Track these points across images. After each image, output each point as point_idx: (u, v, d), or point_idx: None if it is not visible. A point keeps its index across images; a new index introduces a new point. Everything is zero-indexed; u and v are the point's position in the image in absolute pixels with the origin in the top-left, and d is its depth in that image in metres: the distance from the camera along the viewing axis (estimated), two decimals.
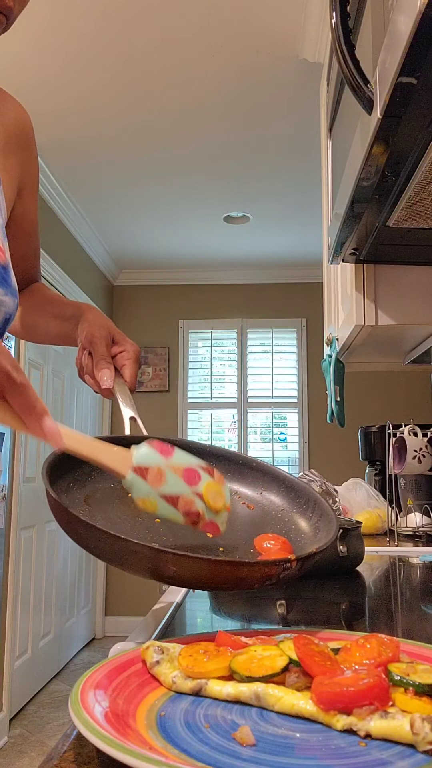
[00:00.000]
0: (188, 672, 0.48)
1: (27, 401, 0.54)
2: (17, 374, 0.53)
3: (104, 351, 0.86)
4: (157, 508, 0.64)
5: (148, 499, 0.63)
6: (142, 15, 2.21)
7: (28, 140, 0.93)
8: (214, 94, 2.68)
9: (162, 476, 0.64)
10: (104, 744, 0.37)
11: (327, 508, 0.76)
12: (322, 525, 0.75)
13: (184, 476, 0.65)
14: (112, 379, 0.85)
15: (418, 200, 1.02)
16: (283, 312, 4.87)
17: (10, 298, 0.79)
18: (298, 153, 3.14)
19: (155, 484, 0.64)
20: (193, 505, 0.64)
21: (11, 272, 0.81)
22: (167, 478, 0.64)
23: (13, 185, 0.90)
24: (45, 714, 3.17)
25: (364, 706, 0.41)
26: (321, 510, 0.77)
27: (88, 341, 0.87)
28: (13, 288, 0.80)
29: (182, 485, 0.64)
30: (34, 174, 0.96)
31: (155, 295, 4.96)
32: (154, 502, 0.63)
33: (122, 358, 0.87)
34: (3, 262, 0.79)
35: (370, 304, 1.43)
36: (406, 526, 1.79)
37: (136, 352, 0.88)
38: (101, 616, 4.65)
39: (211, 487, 0.66)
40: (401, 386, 4.52)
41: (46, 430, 0.55)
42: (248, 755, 0.38)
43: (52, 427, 0.55)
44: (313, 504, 0.79)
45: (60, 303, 0.99)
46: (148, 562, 0.60)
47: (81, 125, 2.93)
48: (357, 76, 0.81)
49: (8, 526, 3.09)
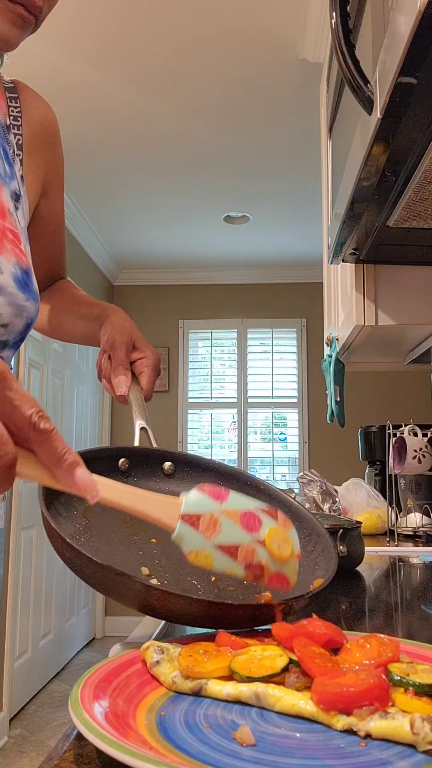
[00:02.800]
0: (188, 672, 0.48)
1: (55, 452, 0.47)
2: (43, 422, 0.47)
3: (123, 356, 0.85)
4: (212, 562, 0.55)
5: (202, 552, 0.55)
6: (142, 16, 2.21)
7: (53, 139, 0.93)
8: (214, 94, 2.68)
9: (216, 524, 0.55)
10: (104, 744, 0.37)
11: (329, 543, 0.74)
12: (321, 561, 0.73)
13: (241, 522, 0.56)
14: (128, 386, 0.84)
15: (418, 200, 1.02)
16: (283, 312, 4.87)
17: (32, 303, 0.78)
18: (298, 153, 3.14)
19: (209, 534, 0.55)
20: (255, 556, 0.55)
21: (33, 276, 0.80)
22: (222, 526, 0.55)
23: (37, 184, 0.90)
24: (45, 714, 3.17)
25: (365, 707, 0.41)
26: (323, 545, 0.75)
27: (109, 345, 0.86)
28: (35, 293, 0.79)
29: (241, 533, 0.55)
30: (59, 173, 0.96)
31: (155, 295, 4.96)
32: (208, 555, 0.55)
33: (141, 365, 0.86)
34: (25, 267, 0.78)
35: (370, 304, 1.43)
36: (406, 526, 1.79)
37: (155, 359, 0.87)
38: (101, 616, 4.65)
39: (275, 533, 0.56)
40: (401, 386, 4.52)
41: (80, 483, 0.48)
42: (248, 755, 0.38)
43: (86, 479, 0.48)
44: (316, 537, 0.77)
45: (86, 303, 0.98)
46: (135, 595, 0.56)
47: (81, 125, 2.93)
48: (357, 76, 0.81)
49: (8, 526, 3.09)
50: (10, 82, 0.89)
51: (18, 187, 0.83)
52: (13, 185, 0.81)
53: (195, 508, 0.55)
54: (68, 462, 0.48)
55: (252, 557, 0.55)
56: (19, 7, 0.72)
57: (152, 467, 0.79)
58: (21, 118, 0.86)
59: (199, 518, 0.55)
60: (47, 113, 0.92)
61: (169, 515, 0.55)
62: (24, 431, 0.46)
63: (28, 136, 0.87)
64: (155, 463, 0.80)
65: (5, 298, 0.74)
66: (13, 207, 0.81)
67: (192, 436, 4.83)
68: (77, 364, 4.22)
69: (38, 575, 3.47)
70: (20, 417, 0.45)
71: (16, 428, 0.45)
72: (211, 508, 0.56)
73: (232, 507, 0.56)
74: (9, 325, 0.76)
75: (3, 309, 0.74)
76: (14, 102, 0.86)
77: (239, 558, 0.55)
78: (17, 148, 0.85)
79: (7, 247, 0.76)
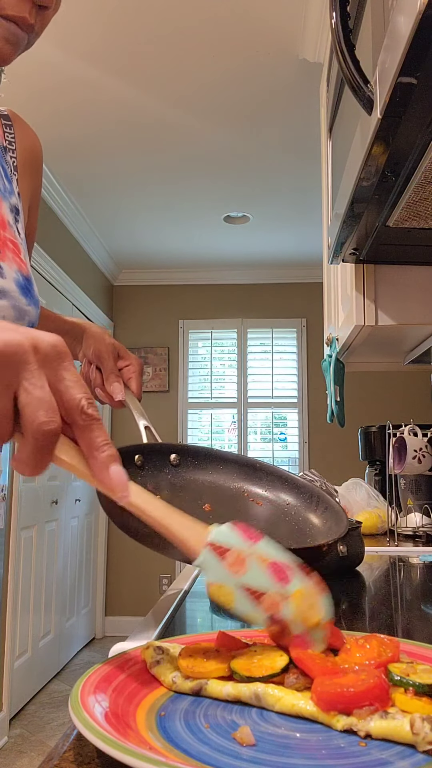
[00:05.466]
0: (188, 672, 0.48)
1: (96, 441, 0.46)
2: (91, 408, 0.45)
3: (113, 365, 0.91)
4: (233, 600, 0.51)
5: (225, 588, 0.51)
6: (142, 15, 2.21)
7: (39, 165, 0.99)
8: (214, 94, 2.68)
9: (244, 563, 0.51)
10: (104, 744, 0.37)
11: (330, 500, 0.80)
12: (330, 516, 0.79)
13: (271, 570, 0.52)
14: (123, 392, 0.91)
15: (418, 200, 1.02)
16: (283, 312, 4.87)
17: (33, 308, 0.82)
18: (298, 153, 3.14)
19: (235, 570, 0.51)
20: (279, 609, 0.51)
21: (34, 284, 0.84)
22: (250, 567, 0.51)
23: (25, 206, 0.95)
24: (45, 714, 3.17)
25: (365, 707, 0.41)
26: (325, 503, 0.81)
27: (95, 357, 0.92)
28: (36, 299, 0.83)
29: (268, 580, 0.51)
30: (39, 196, 1.02)
31: (155, 295, 4.96)
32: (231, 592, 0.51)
33: (128, 372, 0.92)
34: (26, 274, 0.82)
35: (370, 304, 1.43)
36: (406, 526, 1.79)
37: (140, 364, 0.95)
38: (101, 616, 4.65)
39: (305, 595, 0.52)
40: (401, 386, 4.52)
41: (114, 480, 0.46)
42: (248, 755, 0.38)
43: (120, 477, 0.47)
44: (317, 498, 0.84)
45: (57, 319, 1.02)
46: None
47: (81, 126, 2.93)
48: (357, 76, 0.81)
49: (8, 526, 3.09)
50: (5, 110, 0.95)
51: (17, 201, 0.87)
52: (12, 200, 0.85)
53: (225, 539, 0.52)
54: (106, 454, 0.46)
55: (276, 609, 0.51)
56: (11, 24, 0.74)
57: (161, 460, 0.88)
58: (15, 143, 0.91)
59: (227, 551, 0.51)
60: (36, 142, 0.98)
61: (196, 538, 0.52)
62: (71, 413, 0.45)
63: (21, 162, 0.93)
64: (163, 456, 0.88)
65: (9, 301, 0.76)
66: (13, 220, 0.84)
67: (192, 436, 4.83)
68: (77, 364, 4.22)
69: (38, 575, 3.47)
70: (70, 398, 0.44)
71: (63, 410, 0.44)
72: (241, 545, 0.52)
73: (263, 552, 0.53)
74: None
75: (6, 312, 0.76)
76: (9, 129, 0.91)
77: (263, 605, 0.51)
78: (13, 168, 0.90)
79: (9, 256, 0.79)
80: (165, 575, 4.65)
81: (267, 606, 0.50)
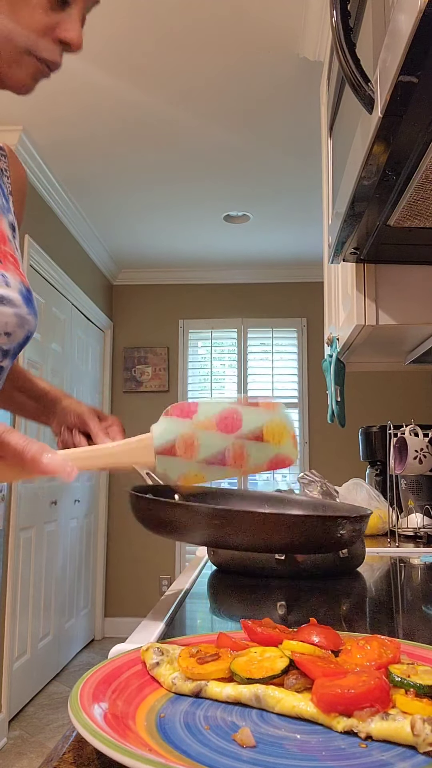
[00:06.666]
0: (188, 673, 0.48)
1: (15, 449, 0.50)
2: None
3: (99, 425, 0.92)
4: (204, 477, 0.54)
5: (190, 473, 0.54)
6: (141, 14, 2.21)
7: (23, 198, 1.04)
8: (214, 93, 2.68)
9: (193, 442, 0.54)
10: (104, 746, 0.36)
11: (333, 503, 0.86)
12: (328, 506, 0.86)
13: (219, 427, 0.54)
14: None
15: (419, 199, 1.02)
16: (283, 312, 4.87)
17: (32, 318, 0.85)
18: (298, 152, 3.14)
19: (189, 455, 0.54)
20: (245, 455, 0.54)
21: (33, 295, 0.88)
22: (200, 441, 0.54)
23: None
24: (44, 715, 3.17)
25: (365, 708, 0.41)
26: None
27: (79, 421, 0.92)
28: (35, 310, 0.87)
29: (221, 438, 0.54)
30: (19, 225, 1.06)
31: (155, 295, 4.96)
32: (197, 473, 0.54)
33: (114, 431, 0.92)
34: (27, 286, 0.86)
35: (371, 303, 1.43)
36: (407, 526, 1.78)
37: (120, 423, 0.96)
38: (101, 618, 4.65)
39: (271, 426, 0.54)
40: (402, 386, 4.52)
41: (50, 468, 0.50)
42: (248, 757, 0.38)
43: (55, 462, 0.50)
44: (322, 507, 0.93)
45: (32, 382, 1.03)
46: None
47: (81, 126, 2.93)
48: (357, 74, 0.81)
49: (8, 527, 3.08)
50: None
51: (13, 220, 0.91)
52: (10, 217, 0.90)
53: (166, 436, 0.55)
54: (32, 452, 0.50)
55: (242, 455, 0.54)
56: (43, 65, 0.81)
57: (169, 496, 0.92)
58: (8, 171, 0.95)
59: (174, 445, 0.54)
60: (23, 174, 1.02)
61: (145, 456, 0.55)
62: None
63: (13, 191, 0.97)
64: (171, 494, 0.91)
65: (12, 309, 0.80)
66: (11, 235, 0.89)
67: None
68: (77, 364, 4.22)
69: (37, 576, 3.47)
70: None
71: None
72: (183, 428, 0.55)
73: (205, 417, 0.55)
74: (12, 334, 0.82)
75: (9, 318, 0.80)
76: (3, 157, 0.95)
77: (229, 462, 0.54)
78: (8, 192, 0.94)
79: (10, 268, 0.83)
80: (165, 575, 4.65)
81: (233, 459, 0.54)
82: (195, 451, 0.54)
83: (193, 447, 0.54)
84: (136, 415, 4.77)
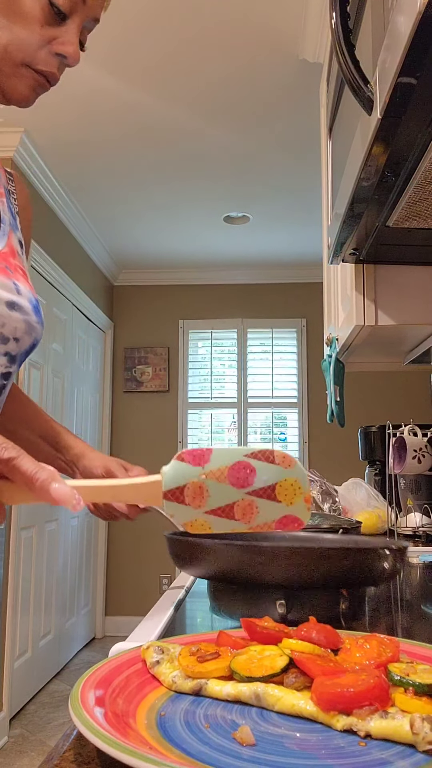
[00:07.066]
0: (188, 672, 0.48)
1: (26, 474, 0.51)
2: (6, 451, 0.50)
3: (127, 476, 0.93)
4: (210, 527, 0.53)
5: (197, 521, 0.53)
6: (141, 17, 2.21)
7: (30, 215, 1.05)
8: (213, 94, 2.68)
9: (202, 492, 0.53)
10: (104, 744, 0.37)
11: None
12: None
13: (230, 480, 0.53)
14: None
15: (418, 200, 1.02)
16: (283, 312, 4.87)
17: (40, 326, 0.87)
18: (298, 153, 3.14)
19: (197, 504, 0.53)
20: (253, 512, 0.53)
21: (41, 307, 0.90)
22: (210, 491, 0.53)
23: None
24: (45, 714, 3.17)
25: (365, 707, 0.41)
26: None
27: (106, 472, 0.94)
28: (42, 318, 0.89)
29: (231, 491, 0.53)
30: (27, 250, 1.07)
31: (155, 295, 4.96)
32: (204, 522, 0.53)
33: None
34: (36, 297, 0.88)
35: (370, 304, 1.43)
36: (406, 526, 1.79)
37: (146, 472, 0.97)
38: (101, 616, 4.65)
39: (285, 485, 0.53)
40: (401, 386, 4.52)
41: (58, 498, 0.50)
42: (248, 755, 0.38)
43: (63, 492, 0.50)
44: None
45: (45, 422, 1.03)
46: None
47: (81, 127, 2.93)
48: (357, 76, 0.81)
49: (8, 526, 3.09)
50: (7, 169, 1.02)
51: (21, 236, 0.93)
52: (18, 234, 0.92)
53: (176, 481, 0.53)
54: (41, 480, 0.51)
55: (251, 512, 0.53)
56: (41, 77, 0.83)
57: None
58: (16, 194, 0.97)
59: (183, 490, 0.53)
60: (28, 201, 1.04)
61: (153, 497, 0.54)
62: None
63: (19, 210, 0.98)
64: None
65: (22, 315, 0.82)
66: (20, 251, 0.91)
67: (192, 436, 4.83)
68: (77, 364, 4.22)
69: (38, 575, 3.47)
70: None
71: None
72: (193, 475, 0.53)
73: (217, 466, 0.53)
74: (20, 340, 0.84)
75: (19, 324, 0.82)
76: (11, 181, 0.97)
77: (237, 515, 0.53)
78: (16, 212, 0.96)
79: (21, 279, 0.86)
80: (165, 575, 4.65)
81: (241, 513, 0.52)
82: (203, 500, 0.53)
83: (201, 496, 0.53)
84: (137, 415, 4.77)
